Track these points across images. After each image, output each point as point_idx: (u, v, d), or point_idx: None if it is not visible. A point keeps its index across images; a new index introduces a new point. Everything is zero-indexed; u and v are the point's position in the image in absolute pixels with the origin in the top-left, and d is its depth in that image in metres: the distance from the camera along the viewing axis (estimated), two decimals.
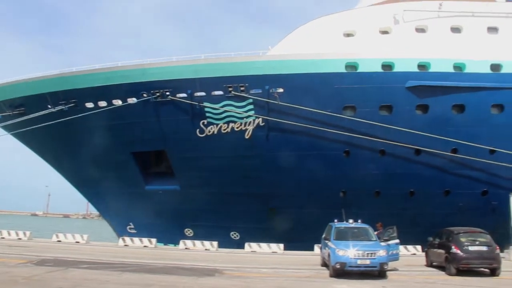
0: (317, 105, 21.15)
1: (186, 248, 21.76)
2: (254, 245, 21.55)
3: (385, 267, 12.94)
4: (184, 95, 22.47)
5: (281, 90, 21.48)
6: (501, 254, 16.01)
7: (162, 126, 23.07)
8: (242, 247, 21.62)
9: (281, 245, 21.35)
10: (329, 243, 13.71)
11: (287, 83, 21.41)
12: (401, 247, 18.50)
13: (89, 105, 23.47)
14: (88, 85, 23.04)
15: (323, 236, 15.18)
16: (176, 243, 22.65)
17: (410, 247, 21.15)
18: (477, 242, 14.46)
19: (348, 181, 21.86)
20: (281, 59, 21.98)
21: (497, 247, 14.65)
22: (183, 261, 16.06)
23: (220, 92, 22.20)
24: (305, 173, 21.81)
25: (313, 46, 22.29)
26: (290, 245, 21.37)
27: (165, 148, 23.78)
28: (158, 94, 22.47)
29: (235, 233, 24.03)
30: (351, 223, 14.96)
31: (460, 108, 21.72)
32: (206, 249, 21.55)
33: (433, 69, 21.61)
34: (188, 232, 24.65)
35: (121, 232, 26.06)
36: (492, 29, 22.74)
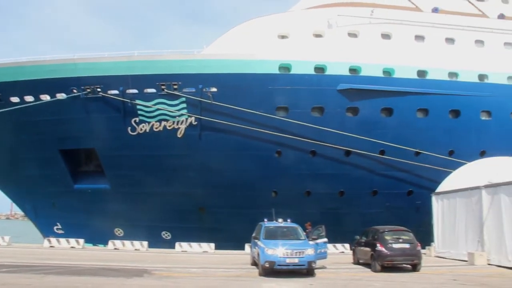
0: (250, 105, 22.27)
1: (115, 249, 22.19)
2: (185, 245, 22.34)
3: (313, 265, 13.63)
4: (116, 92, 22.99)
5: (214, 89, 22.48)
6: (423, 251, 17.73)
7: (92, 123, 23.46)
8: (174, 247, 22.38)
9: (212, 245, 22.28)
10: (259, 242, 14.26)
11: (221, 82, 22.41)
12: (330, 246, 19.95)
13: (15, 99, 23.50)
14: (13, 79, 23.07)
15: (253, 235, 15.95)
16: (105, 243, 23.07)
17: (339, 245, 22.64)
18: (400, 240, 15.82)
19: (279, 181, 23.06)
20: (215, 59, 22.96)
21: (419, 244, 16.25)
22: (112, 262, 16.19)
23: (153, 90, 22.90)
24: (237, 172, 22.82)
25: (248, 46, 23.40)
26: (222, 245, 22.34)
27: (95, 146, 24.14)
28: (88, 90, 22.88)
29: (166, 233, 24.71)
30: (280, 223, 15.78)
31: (388, 111, 23.57)
32: (136, 249, 22.06)
33: (363, 73, 23.37)
34: (118, 232, 25.09)
35: (47, 233, 26.08)
36: (419, 37, 24.81)
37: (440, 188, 21.03)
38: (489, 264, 16.06)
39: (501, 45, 25.83)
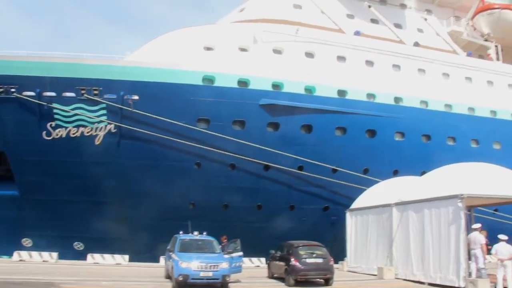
0: (172, 115, 23.14)
1: (21, 260, 21.99)
2: (97, 256, 22.71)
3: (228, 279, 14.42)
4: (32, 93, 23.01)
5: (136, 97, 23.16)
6: (336, 265, 19.30)
7: (4, 124, 23.33)
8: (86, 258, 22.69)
9: (126, 257, 22.83)
10: (173, 255, 14.86)
11: (143, 90, 23.15)
12: (246, 260, 21.16)
13: None
14: None
15: (168, 247, 16.60)
16: (10, 255, 22.87)
17: (254, 259, 23.94)
18: (314, 255, 17.13)
19: (197, 193, 23.99)
20: (138, 66, 23.68)
21: (331, 259, 17.77)
22: (16, 274, 15.93)
23: (72, 94, 23.20)
24: (155, 183, 23.46)
25: (172, 56, 24.38)
26: (136, 257, 22.94)
27: (4, 149, 23.98)
28: (1, 90, 22.81)
29: (79, 244, 24.85)
30: (196, 236, 16.60)
31: (308, 128, 25.25)
32: (44, 261, 22.02)
33: (286, 89, 25.02)
34: (26, 242, 24.85)
35: None
36: (341, 58, 26.93)
37: (354, 205, 22.70)
38: (396, 278, 17.58)
39: (415, 71, 28.56)
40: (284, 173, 24.70)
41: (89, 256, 22.78)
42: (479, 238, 15.45)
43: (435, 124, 28.09)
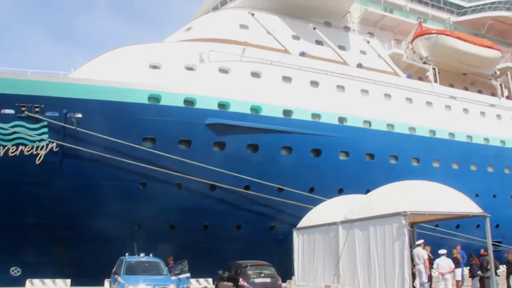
0: (116, 134, 23.39)
1: None
2: (37, 282, 22.46)
3: None
4: None
5: (79, 115, 23.20)
6: (284, 284, 20.07)
7: None
8: (24, 284, 22.37)
9: (68, 281, 22.74)
10: (119, 278, 15.16)
11: (87, 108, 23.22)
12: (194, 281, 21.57)
13: None
14: None
15: (113, 270, 16.76)
16: None
17: (202, 280, 24.43)
18: (262, 275, 17.86)
19: (143, 213, 24.06)
20: (82, 83, 23.79)
21: (279, 279, 18.45)
22: None
23: (11, 111, 22.98)
24: (99, 203, 23.45)
25: (118, 73, 24.64)
26: (79, 280, 22.84)
27: None
28: None
29: (16, 269, 24.33)
30: (142, 257, 16.88)
31: (254, 147, 26.12)
32: None
33: (232, 109, 25.85)
34: None
35: None
36: (287, 78, 28.20)
37: (300, 224, 23.49)
38: None
39: (358, 92, 30.26)
40: (230, 192, 25.32)
41: (27, 282, 22.45)
42: (422, 253, 16.73)
43: (378, 144, 29.77)
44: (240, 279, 17.14)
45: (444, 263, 17.02)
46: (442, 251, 17.77)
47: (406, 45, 36.98)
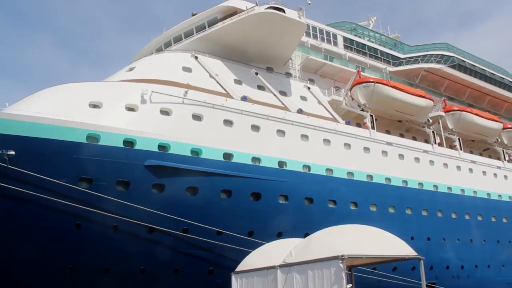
0: (51, 173, 22.73)
1: None
2: None
3: None
4: None
5: (12, 152, 22.43)
6: None
7: None
8: None
9: None
10: None
11: (21, 146, 22.49)
12: None
13: None
14: None
15: None
16: None
17: None
18: None
19: (76, 256, 23.47)
20: (16, 119, 23.12)
21: None
22: None
23: None
24: (30, 246, 22.60)
25: (56, 110, 24.09)
26: None
27: None
28: None
29: None
30: None
31: (194, 190, 26.06)
32: None
33: (172, 151, 25.80)
34: None
35: None
36: (228, 122, 28.58)
37: (239, 267, 23.15)
38: None
39: (298, 136, 31.03)
40: (169, 235, 24.92)
41: None
42: None
43: (317, 188, 30.47)
44: None
45: None
46: None
47: (345, 92, 38.50)
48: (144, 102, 26.40)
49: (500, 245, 42.67)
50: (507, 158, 49.38)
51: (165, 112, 26.84)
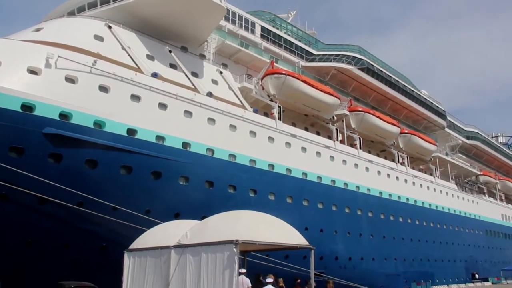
0: None
1: None
2: None
3: None
4: None
5: None
6: None
7: None
8: None
9: None
10: None
11: None
12: None
13: None
14: None
15: None
16: None
17: None
18: None
19: None
20: None
21: None
22: None
23: None
24: None
25: None
26: None
27: None
28: None
29: None
30: None
31: (93, 163, 25.32)
32: None
33: (74, 120, 24.82)
34: None
35: None
36: (136, 97, 27.92)
37: (133, 245, 22.81)
38: None
39: (205, 119, 31.12)
40: (61, 208, 23.95)
41: None
42: (246, 281, 17.65)
43: (219, 172, 30.81)
44: None
45: None
46: (269, 280, 18.92)
47: (256, 80, 39.12)
48: (49, 66, 25.08)
49: (385, 240, 45.77)
50: (400, 161, 52.76)
51: (70, 80, 25.63)
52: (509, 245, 76.03)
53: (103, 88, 26.84)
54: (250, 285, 17.98)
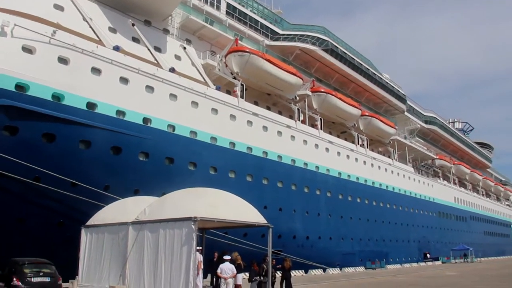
0: None
1: None
2: None
3: None
4: None
5: None
6: (65, 284, 19.30)
7: None
8: None
9: None
10: None
11: None
12: None
13: None
14: None
15: None
16: None
17: None
18: (41, 273, 16.84)
19: None
20: None
21: (60, 278, 17.61)
22: None
23: None
24: None
25: None
26: None
27: None
28: None
29: None
30: None
31: (51, 137, 24.73)
32: None
33: (31, 92, 24.07)
34: None
35: None
36: (96, 70, 27.24)
37: (90, 221, 22.68)
38: None
39: (167, 95, 30.80)
40: (17, 182, 23.34)
41: None
42: (198, 257, 17.80)
43: (179, 149, 30.70)
44: (14, 279, 16.12)
45: (227, 268, 18.38)
46: (226, 257, 19.16)
47: (220, 58, 38.93)
48: (4, 35, 24.08)
49: (342, 220, 46.83)
50: (360, 143, 53.75)
51: (27, 50, 24.75)
52: (459, 226, 79.14)
53: (63, 60, 26.08)
54: (201, 259, 18.55)
